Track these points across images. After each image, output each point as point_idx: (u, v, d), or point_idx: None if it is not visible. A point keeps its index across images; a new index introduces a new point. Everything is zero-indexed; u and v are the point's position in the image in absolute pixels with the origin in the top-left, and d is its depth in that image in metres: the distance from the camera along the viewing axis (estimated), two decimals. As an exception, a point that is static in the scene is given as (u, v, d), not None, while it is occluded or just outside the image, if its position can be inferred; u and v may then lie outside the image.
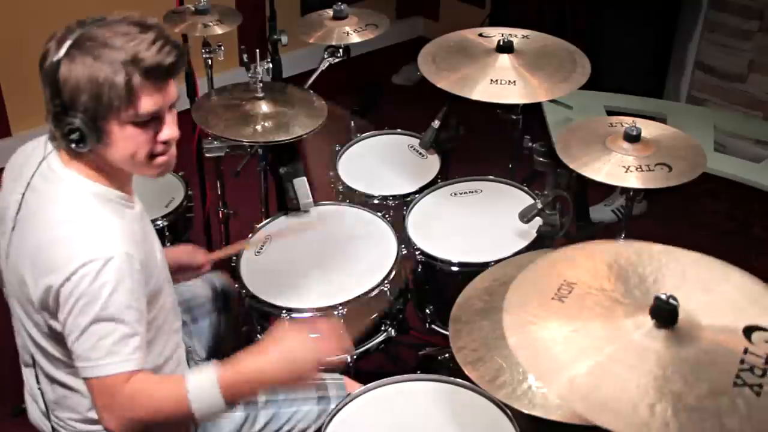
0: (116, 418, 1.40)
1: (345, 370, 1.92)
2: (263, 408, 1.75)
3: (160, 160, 1.50)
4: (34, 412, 1.68)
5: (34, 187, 1.49)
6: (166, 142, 1.49)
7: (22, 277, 1.45)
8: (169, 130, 1.48)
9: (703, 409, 1.05)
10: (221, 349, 2.01)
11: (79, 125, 1.40)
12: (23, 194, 1.49)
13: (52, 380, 1.56)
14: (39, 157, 1.52)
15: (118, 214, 1.47)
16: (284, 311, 1.97)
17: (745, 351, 1.12)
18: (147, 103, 1.42)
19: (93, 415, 1.56)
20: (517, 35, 2.23)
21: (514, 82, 2.05)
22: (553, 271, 1.28)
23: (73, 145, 1.42)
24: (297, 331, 1.53)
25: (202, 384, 1.41)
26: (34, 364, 1.58)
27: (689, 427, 1.03)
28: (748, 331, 1.15)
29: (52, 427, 1.62)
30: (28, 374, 1.65)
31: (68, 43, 1.38)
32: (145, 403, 1.41)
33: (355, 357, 2.03)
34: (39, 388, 1.61)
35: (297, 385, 1.55)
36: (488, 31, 2.26)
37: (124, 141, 1.44)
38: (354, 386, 1.82)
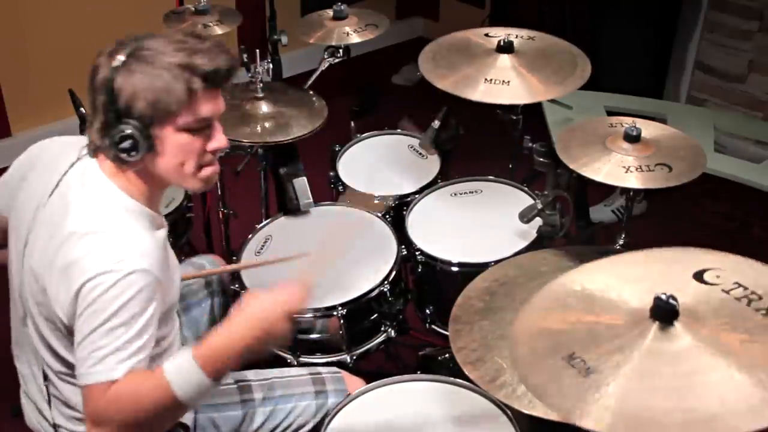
0: (106, 424, 1.39)
1: (344, 368, 1.92)
2: (260, 405, 1.75)
3: (207, 171, 1.53)
4: (32, 413, 1.68)
5: (64, 191, 1.49)
6: (214, 153, 1.52)
7: (41, 277, 1.45)
8: (220, 140, 1.51)
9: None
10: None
11: (132, 132, 1.41)
12: (50, 196, 1.50)
13: (62, 380, 1.56)
14: (70, 159, 1.53)
15: (148, 231, 1.48)
16: (284, 311, 1.97)
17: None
18: (204, 109, 1.45)
19: None
20: (522, 36, 2.23)
21: (509, 82, 2.05)
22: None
23: (124, 154, 1.43)
24: (258, 295, 1.50)
25: (180, 366, 1.39)
26: (42, 364, 1.58)
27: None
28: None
29: (54, 428, 1.62)
30: (31, 375, 1.65)
31: (123, 54, 1.41)
32: (130, 403, 1.39)
33: (355, 357, 2.03)
34: (45, 386, 1.60)
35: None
36: (494, 31, 2.26)
37: (176, 148, 1.46)
38: (352, 380, 1.82)
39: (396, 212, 2.32)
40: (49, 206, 1.50)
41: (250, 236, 2.23)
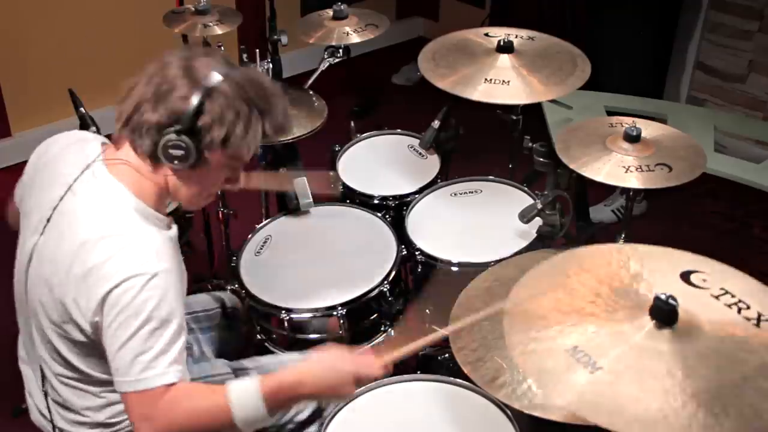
0: (155, 427, 1.40)
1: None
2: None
3: (212, 198, 1.60)
4: (35, 412, 1.68)
5: (72, 200, 1.48)
6: (225, 188, 1.59)
7: (51, 279, 1.45)
8: (240, 183, 1.58)
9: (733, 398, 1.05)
10: (223, 350, 2.01)
11: (190, 146, 1.41)
12: (62, 197, 1.49)
13: (61, 382, 1.56)
14: (76, 166, 1.51)
15: (161, 233, 1.48)
16: (284, 311, 1.97)
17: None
18: (251, 153, 1.50)
19: (97, 418, 1.56)
20: (522, 36, 2.23)
21: (509, 82, 2.05)
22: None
23: (170, 162, 1.43)
24: (339, 350, 1.53)
25: (246, 393, 1.41)
26: (41, 365, 1.58)
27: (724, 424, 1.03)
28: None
29: (54, 428, 1.62)
30: (31, 374, 1.65)
31: (219, 73, 1.42)
32: (186, 411, 1.41)
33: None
34: (44, 390, 1.60)
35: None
36: (494, 31, 2.26)
37: (213, 174, 1.50)
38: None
39: (396, 212, 2.32)
40: (57, 215, 1.48)
41: (250, 236, 2.23)
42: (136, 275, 1.37)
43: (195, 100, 1.40)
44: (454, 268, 2.07)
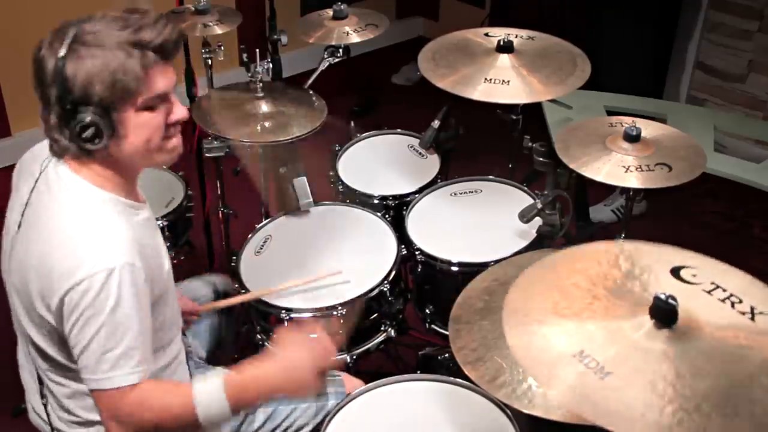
0: (123, 427, 1.41)
1: (344, 370, 1.92)
2: (262, 406, 1.76)
3: (173, 142, 1.50)
4: (32, 413, 1.68)
5: (39, 192, 1.48)
6: (175, 124, 1.49)
7: (26, 282, 1.45)
8: (180, 111, 1.49)
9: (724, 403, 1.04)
10: (221, 349, 2.01)
11: (93, 119, 1.38)
12: (27, 201, 1.49)
13: (52, 381, 1.56)
14: (39, 166, 1.51)
15: (125, 222, 1.46)
16: (284, 311, 1.97)
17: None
18: (161, 84, 1.42)
19: (92, 417, 1.56)
20: (522, 36, 2.23)
21: (509, 82, 2.05)
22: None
23: (88, 144, 1.40)
24: (298, 339, 1.54)
25: (209, 391, 1.42)
26: (35, 366, 1.58)
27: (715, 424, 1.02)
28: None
29: (51, 429, 1.62)
30: (27, 376, 1.65)
31: (66, 41, 1.37)
32: (152, 410, 1.41)
33: (355, 357, 2.03)
34: (39, 391, 1.61)
35: (300, 395, 1.58)
36: (494, 31, 2.26)
37: (139, 128, 1.43)
38: (352, 381, 1.82)
39: (396, 212, 2.32)
40: (26, 216, 1.48)
41: (250, 236, 2.23)
42: (96, 272, 1.36)
43: (59, 72, 1.36)
44: (454, 268, 2.07)
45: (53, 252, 1.39)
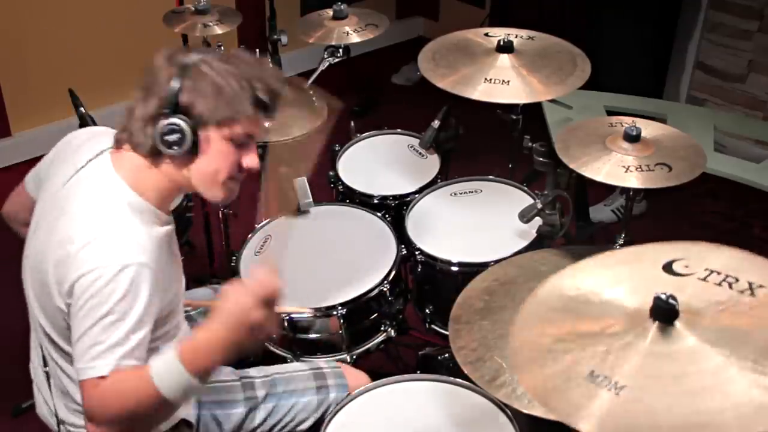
0: (97, 419, 1.40)
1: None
2: (263, 402, 1.76)
3: (234, 185, 1.56)
4: (42, 405, 1.69)
5: (74, 186, 1.51)
6: (246, 171, 1.54)
7: (40, 269, 1.47)
8: (255, 160, 1.54)
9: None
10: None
11: (183, 126, 1.43)
12: (62, 188, 1.51)
13: (60, 369, 1.56)
14: (89, 154, 1.53)
15: (147, 227, 1.48)
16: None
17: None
18: (255, 127, 1.49)
19: None
20: (522, 36, 2.23)
21: (509, 82, 2.06)
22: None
23: (165, 147, 1.44)
24: (235, 287, 1.47)
25: (164, 364, 1.39)
26: (44, 357, 1.59)
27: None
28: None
29: (58, 422, 1.63)
30: (38, 363, 1.65)
31: (193, 58, 1.45)
32: (116, 397, 1.39)
33: (355, 357, 2.03)
34: (48, 382, 1.61)
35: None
36: (493, 31, 2.26)
37: (217, 154, 1.49)
38: (352, 372, 1.83)
39: (396, 212, 2.32)
40: (58, 199, 1.51)
41: (250, 236, 2.23)
42: (107, 265, 1.38)
43: (175, 80, 1.43)
44: (454, 268, 2.07)
45: (73, 240, 1.41)
